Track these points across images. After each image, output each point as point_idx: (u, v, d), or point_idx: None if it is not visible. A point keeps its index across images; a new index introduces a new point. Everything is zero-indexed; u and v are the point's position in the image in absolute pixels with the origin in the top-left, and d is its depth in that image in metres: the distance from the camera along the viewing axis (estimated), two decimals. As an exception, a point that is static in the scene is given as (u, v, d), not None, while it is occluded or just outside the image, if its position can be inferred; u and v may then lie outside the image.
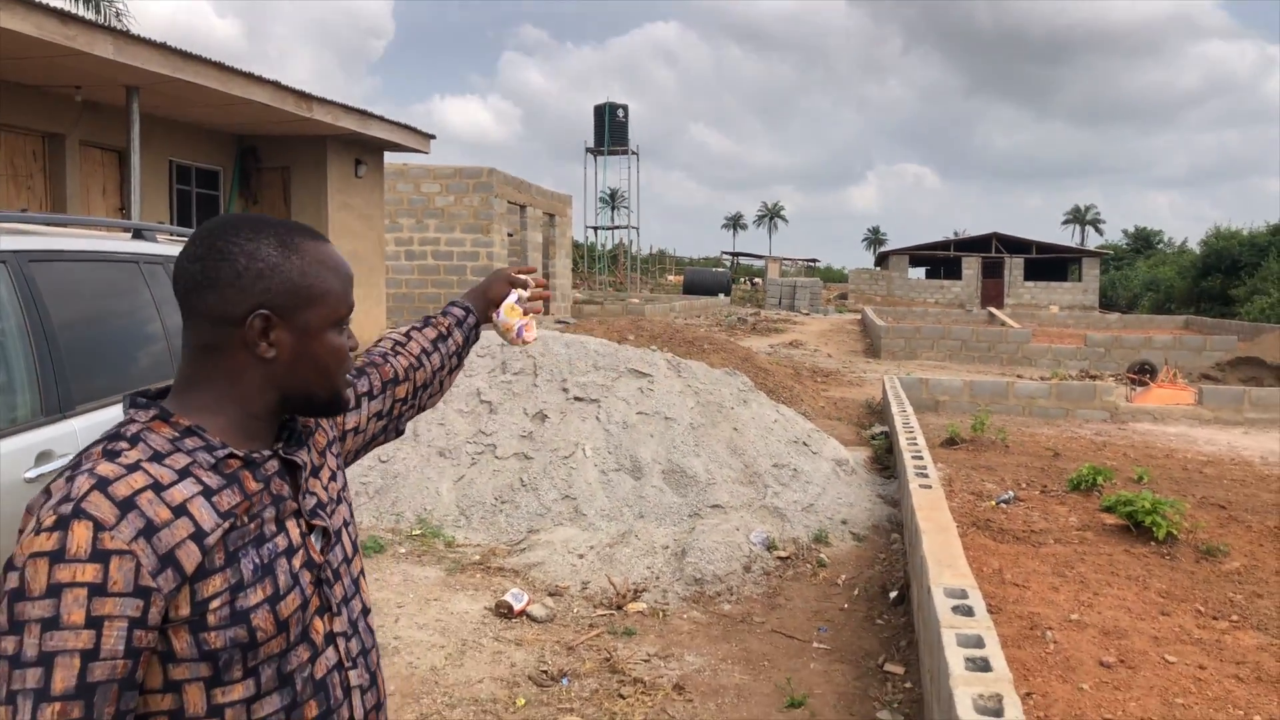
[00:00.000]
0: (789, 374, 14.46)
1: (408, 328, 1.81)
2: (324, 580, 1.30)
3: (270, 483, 1.26)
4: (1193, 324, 31.58)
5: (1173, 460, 9.40)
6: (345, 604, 1.34)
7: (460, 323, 1.86)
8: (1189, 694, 4.10)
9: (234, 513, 1.19)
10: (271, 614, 1.19)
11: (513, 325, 1.88)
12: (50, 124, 11.02)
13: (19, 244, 3.21)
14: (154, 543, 1.09)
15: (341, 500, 1.42)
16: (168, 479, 1.15)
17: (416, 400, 1.75)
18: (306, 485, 1.32)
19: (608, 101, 46.73)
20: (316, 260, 1.30)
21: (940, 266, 53.32)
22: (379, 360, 1.69)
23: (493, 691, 4.14)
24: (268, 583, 1.20)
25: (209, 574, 1.14)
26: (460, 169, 20.39)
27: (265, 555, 1.21)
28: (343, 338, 1.33)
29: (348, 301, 1.33)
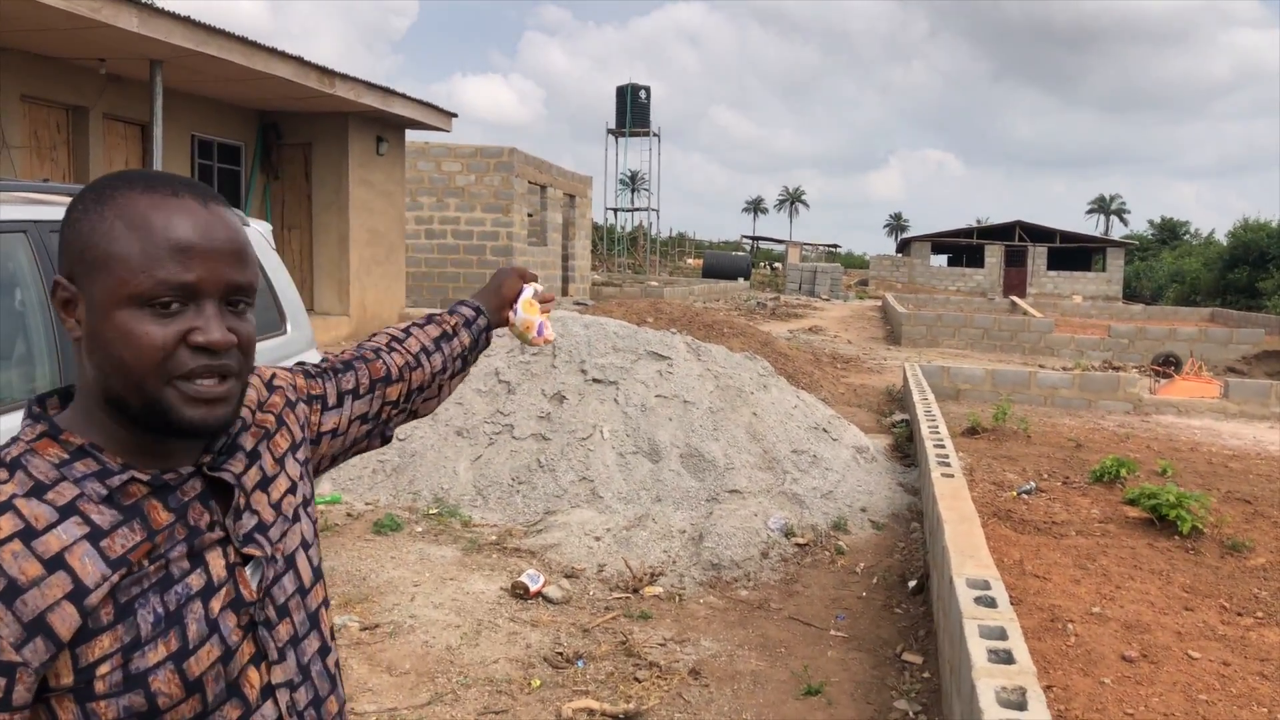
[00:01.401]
0: (809, 360, 14.38)
1: (408, 324, 1.58)
2: (261, 621, 1.07)
3: (187, 511, 1.02)
4: (1219, 316, 31.23)
5: (1197, 454, 9.29)
6: (294, 645, 1.11)
7: (469, 323, 1.62)
8: (1212, 690, 4.04)
9: (127, 559, 0.96)
10: (177, 674, 0.97)
11: (533, 322, 1.73)
12: (74, 96, 11.04)
13: (39, 214, 3.19)
14: (17, 608, 0.89)
15: (300, 518, 1.17)
16: (44, 521, 0.93)
17: (409, 404, 1.50)
18: (244, 503, 1.09)
19: (630, 82, 46.49)
20: (119, 214, 0.99)
21: (962, 254, 52.95)
22: (369, 355, 1.45)
23: (508, 672, 4.13)
24: (173, 636, 0.97)
25: (93, 635, 0.93)
26: (481, 148, 20.34)
27: (172, 601, 0.98)
28: (155, 323, 0.97)
29: (155, 275, 0.97)
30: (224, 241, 1.01)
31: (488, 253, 20.18)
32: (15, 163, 10.17)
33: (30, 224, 3.12)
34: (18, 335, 3.05)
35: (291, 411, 1.26)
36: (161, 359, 0.97)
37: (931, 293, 41.36)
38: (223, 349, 1.00)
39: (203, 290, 0.99)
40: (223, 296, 1.01)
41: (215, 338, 0.99)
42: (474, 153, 20.29)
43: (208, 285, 0.99)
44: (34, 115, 10.70)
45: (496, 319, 1.69)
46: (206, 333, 0.99)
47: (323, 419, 1.34)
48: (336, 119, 14.28)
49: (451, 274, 20.29)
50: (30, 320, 3.06)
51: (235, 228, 1.04)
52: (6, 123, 10.09)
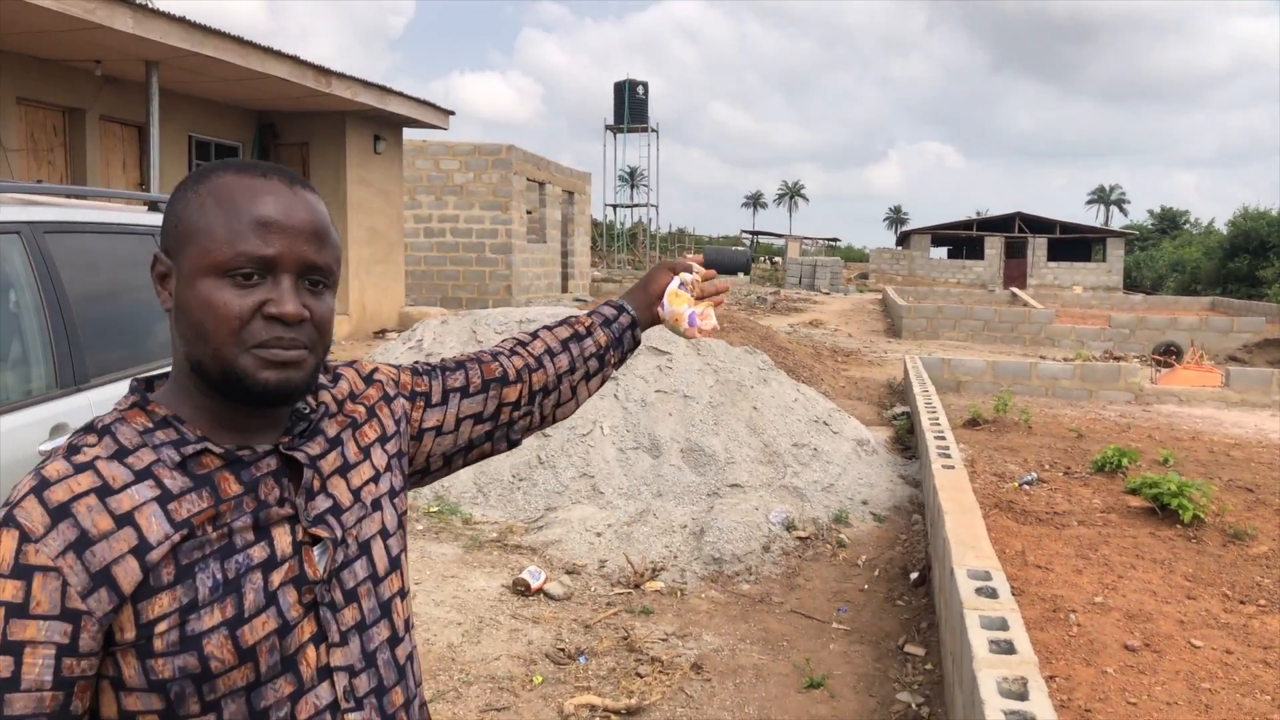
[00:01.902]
0: (809, 353, 14.37)
1: (539, 326, 1.55)
2: (324, 602, 1.09)
3: (258, 485, 1.06)
4: (1219, 305, 31.20)
5: (1199, 442, 9.27)
6: (360, 631, 1.12)
7: (608, 322, 1.56)
8: (1215, 678, 4.03)
9: (190, 522, 1.00)
10: (230, 640, 1.00)
11: (681, 314, 1.60)
12: (70, 99, 11.02)
13: (34, 215, 3.18)
14: (85, 558, 0.94)
15: (382, 507, 1.19)
16: (120, 481, 0.99)
17: (535, 407, 1.47)
18: (318, 485, 1.12)
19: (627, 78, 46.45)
20: (211, 192, 1.06)
21: (962, 246, 52.91)
22: (485, 357, 1.45)
23: (510, 669, 4.12)
24: (229, 602, 1.00)
25: (154, 593, 0.97)
26: (479, 146, 20.33)
27: (231, 569, 1.02)
28: (233, 293, 1.03)
29: (236, 247, 1.03)
30: (304, 222, 1.07)
31: (487, 250, 20.17)
32: (12, 165, 10.16)
33: (24, 225, 3.11)
34: (13, 337, 3.05)
35: (387, 405, 1.29)
36: (238, 326, 1.02)
37: (932, 285, 41.33)
38: (294, 321, 1.04)
39: (280, 265, 1.04)
40: (299, 273, 1.06)
41: (288, 309, 1.04)
42: (472, 150, 20.27)
43: (285, 260, 1.04)
44: (30, 118, 10.69)
45: (646, 317, 1.61)
46: (280, 305, 1.03)
47: (425, 415, 1.34)
48: (334, 118, 14.27)
49: (451, 272, 20.28)
50: (26, 321, 3.05)
51: (317, 211, 1.09)
52: (3, 126, 10.08)
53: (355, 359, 1.35)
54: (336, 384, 1.24)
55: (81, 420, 3.09)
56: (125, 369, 3.41)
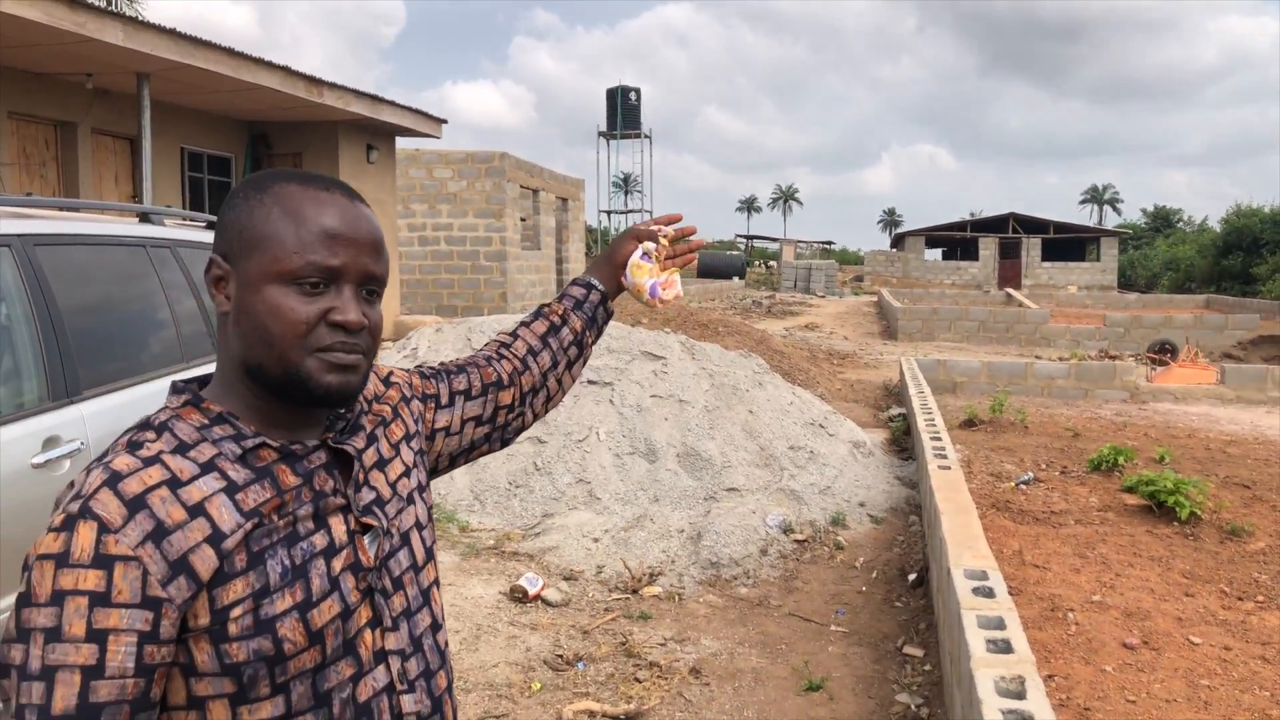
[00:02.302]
0: (805, 356, 14.38)
1: (516, 324, 1.59)
2: (377, 588, 1.14)
3: (313, 477, 1.12)
4: (1214, 303, 31.26)
5: (1195, 440, 9.28)
6: (407, 618, 1.18)
7: (580, 304, 1.60)
8: (1214, 675, 4.03)
9: (259, 511, 1.06)
10: (301, 623, 1.05)
11: (643, 285, 1.60)
12: (62, 112, 11.02)
13: (24, 228, 3.18)
14: (164, 547, 0.99)
15: (415, 501, 1.25)
16: (188, 474, 1.04)
17: (526, 407, 1.53)
18: (363, 478, 1.17)
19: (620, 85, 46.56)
20: (277, 201, 1.10)
21: (957, 247, 52.97)
22: (481, 361, 1.51)
23: (508, 676, 4.11)
24: (298, 587, 1.06)
25: (229, 579, 1.02)
26: (472, 154, 20.33)
27: (298, 556, 1.07)
28: (300, 300, 1.08)
29: (306, 257, 1.08)
30: (365, 234, 1.13)
31: (481, 258, 20.16)
32: (4, 180, 10.14)
33: (14, 238, 3.10)
34: (5, 349, 3.04)
35: (406, 406, 1.35)
36: (305, 332, 1.08)
37: (927, 287, 41.37)
38: (356, 329, 1.10)
39: (344, 274, 1.10)
40: (360, 283, 1.12)
41: (351, 318, 1.10)
42: (465, 158, 20.27)
43: (349, 270, 1.10)
44: (22, 132, 10.68)
45: (612, 287, 1.64)
46: (344, 313, 1.10)
47: (436, 416, 1.41)
48: (326, 128, 14.27)
49: (445, 280, 20.27)
50: (17, 334, 3.05)
51: (375, 224, 1.16)
52: (-5, 140, 10.07)
53: None
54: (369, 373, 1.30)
55: (74, 433, 3.08)
56: (118, 381, 3.40)
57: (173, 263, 3.95)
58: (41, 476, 2.92)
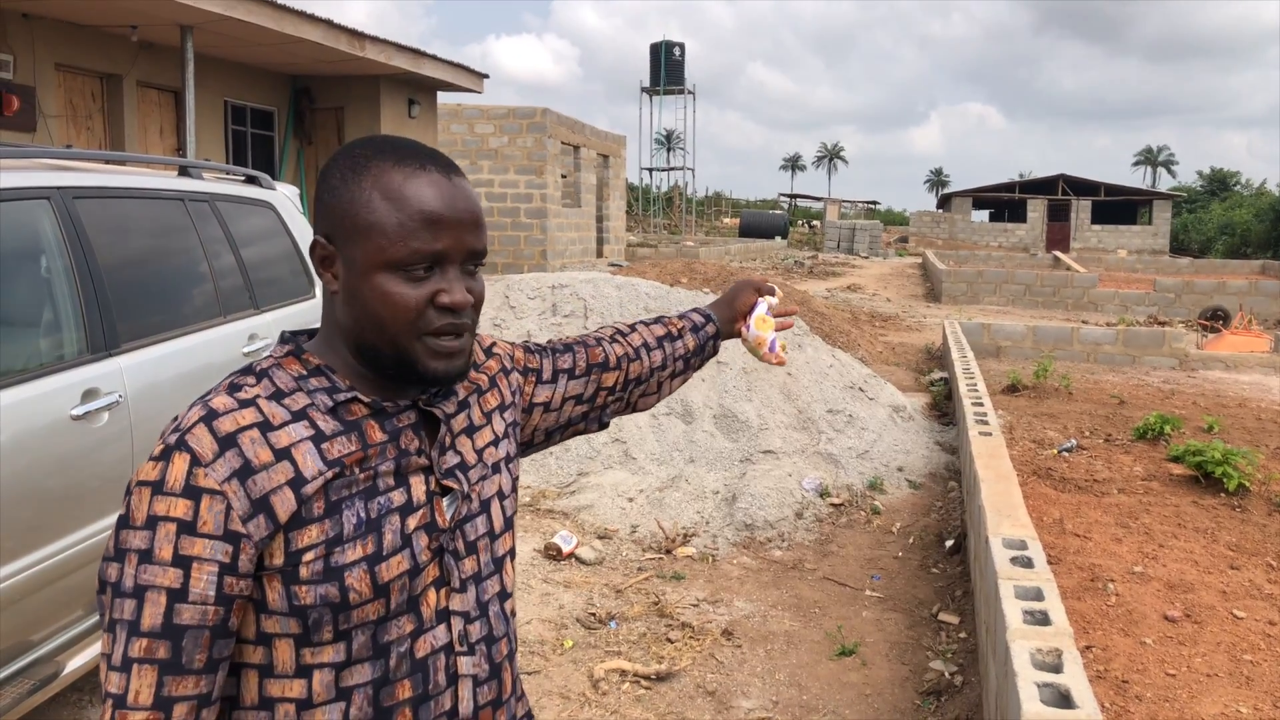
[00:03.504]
0: (846, 318, 14.23)
1: (635, 321, 1.64)
2: (449, 550, 1.16)
3: (400, 435, 1.14)
4: (1270, 269, 30.44)
5: (1245, 409, 9.07)
6: (476, 582, 1.20)
7: (696, 328, 1.66)
8: (1257, 650, 3.95)
9: (342, 461, 1.09)
10: (369, 574, 1.08)
11: (765, 339, 1.67)
12: (108, 65, 11.08)
13: (63, 180, 3.18)
14: (248, 486, 1.03)
15: (500, 470, 1.27)
16: (279, 419, 1.08)
17: (627, 394, 1.57)
18: (449, 442, 1.19)
19: (664, 40, 46.01)
20: (378, 186, 1.11)
21: (1004, 209, 52.05)
22: (590, 342, 1.53)
23: (540, 633, 4.14)
24: (370, 540, 1.08)
25: (305, 524, 1.05)
26: (514, 109, 20.22)
27: (374, 510, 1.10)
28: (408, 286, 1.10)
29: (410, 245, 1.09)
30: (466, 212, 1.13)
31: (521, 215, 20.13)
32: (52, 131, 10.25)
33: (54, 190, 3.11)
34: (45, 303, 3.06)
35: (505, 377, 1.37)
36: (414, 318, 1.10)
37: (973, 249, 40.74)
38: (464, 309, 1.12)
39: (449, 256, 1.11)
40: (464, 261, 1.13)
41: (459, 299, 1.11)
42: (507, 114, 20.18)
43: (453, 252, 1.11)
44: (69, 84, 10.76)
45: (727, 330, 1.71)
46: (451, 294, 1.11)
47: (536, 391, 1.43)
48: (368, 82, 14.24)
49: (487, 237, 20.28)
50: (56, 287, 3.06)
51: (474, 198, 1.16)
52: (42, 92, 10.16)
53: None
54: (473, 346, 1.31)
55: (113, 385, 3.10)
56: (158, 334, 3.42)
57: (211, 217, 3.96)
58: (80, 428, 2.95)
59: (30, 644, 2.84)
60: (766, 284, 1.72)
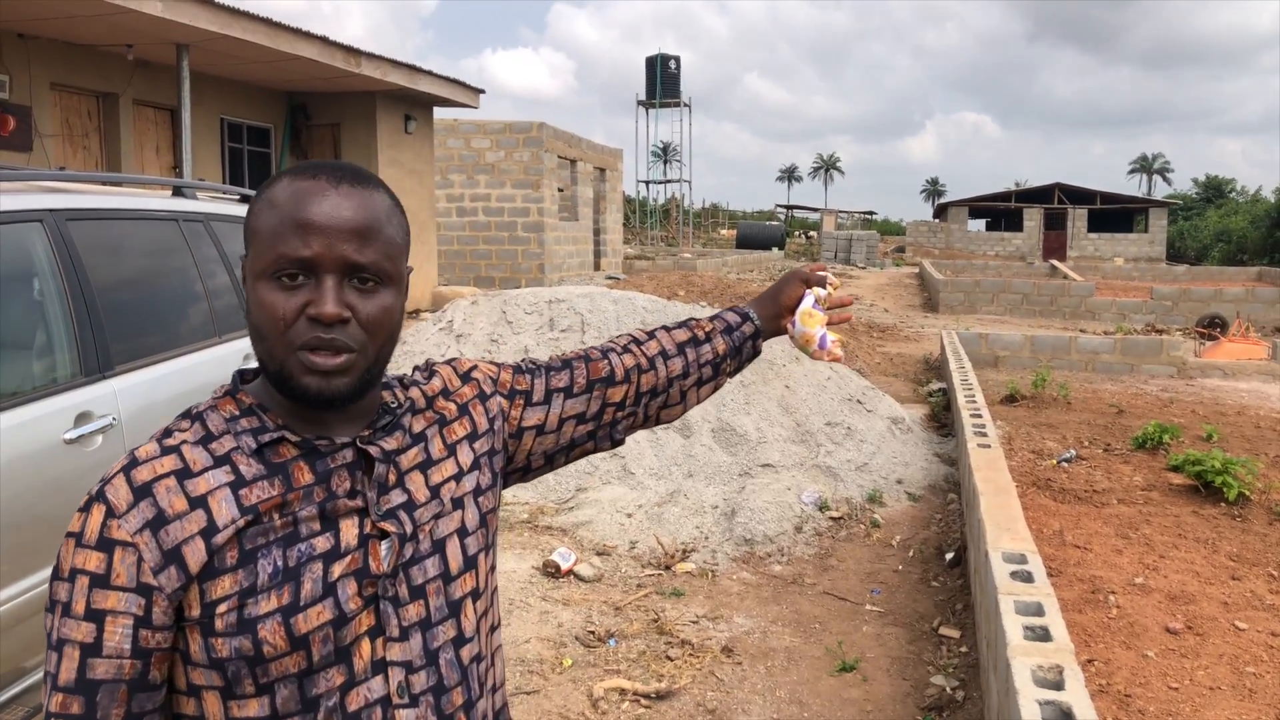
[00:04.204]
0: (843, 329, 14.22)
1: (659, 326, 1.51)
2: (386, 596, 1.09)
3: (331, 476, 1.09)
4: (1266, 276, 30.46)
5: (1244, 417, 9.06)
6: (424, 628, 1.12)
7: (730, 329, 1.51)
8: (1261, 662, 3.93)
9: (256, 508, 1.04)
10: (283, 626, 1.03)
11: (814, 335, 1.51)
12: (104, 83, 11.10)
13: (56, 202, 3.18)
14: (160, 536, 1.00)
15: (464, 506, 1.19)
16: (200, 465, 1.05)
17: (641, 408, 1.44)
18: (392, 480, 1.13)
19: (659, 53, 46.13)
20: (269, 198, 1.08)
21: (1001, 218, 52.15)
22: (595, 355, 1.42)
23: (539, 652, 4.11)
24: (286, 590, 1.03)
25: (218, 574, 1.02)
26: (510, 124, 20.26)
27: (293, 558, 1.05)
28: (281, 294, 1.05)
29: (278, 249, 1.04)
30: (345, 221, 1.06)
31: (519, 229, 20.14)
32: (48, 151, 10.25)
33: (46, 213, 3.10)
34: (37, 325, 3.05)
35: (481, 403, 1.29)
36: (284, 328, 1.05)
37: (969, 258, 40.79)
38: (331, 321, 1.04)
39: (320, 265, 1.05)
40: (343, 273, 1.06)
41: (326, 310, 1.04)
42: (503, 129, 20.21)
43: (325, 261, 1.05)
44: (65, 103, 10.78)
45: (771, 328, 1.56)
46: (318, 305, 1.04)
47: (525, 414, 1.34)
48: (364, 98, 14.27)
49: (483, 251, 20.29)
50: (49, 310, 3.05)
51: (364, 207, 1.08)
52: (38, 111, 10.17)
53: (456, 356, 1.36)
54: (430, 380, 1.26)
55: (106, 409, 3.09)
56: (151, 356, 3.41)
57: (206, 237, 3.95)
58: (74, 452, 2.94)
59: (24, 670, 2.82)
60: (817, 273, 1.57)
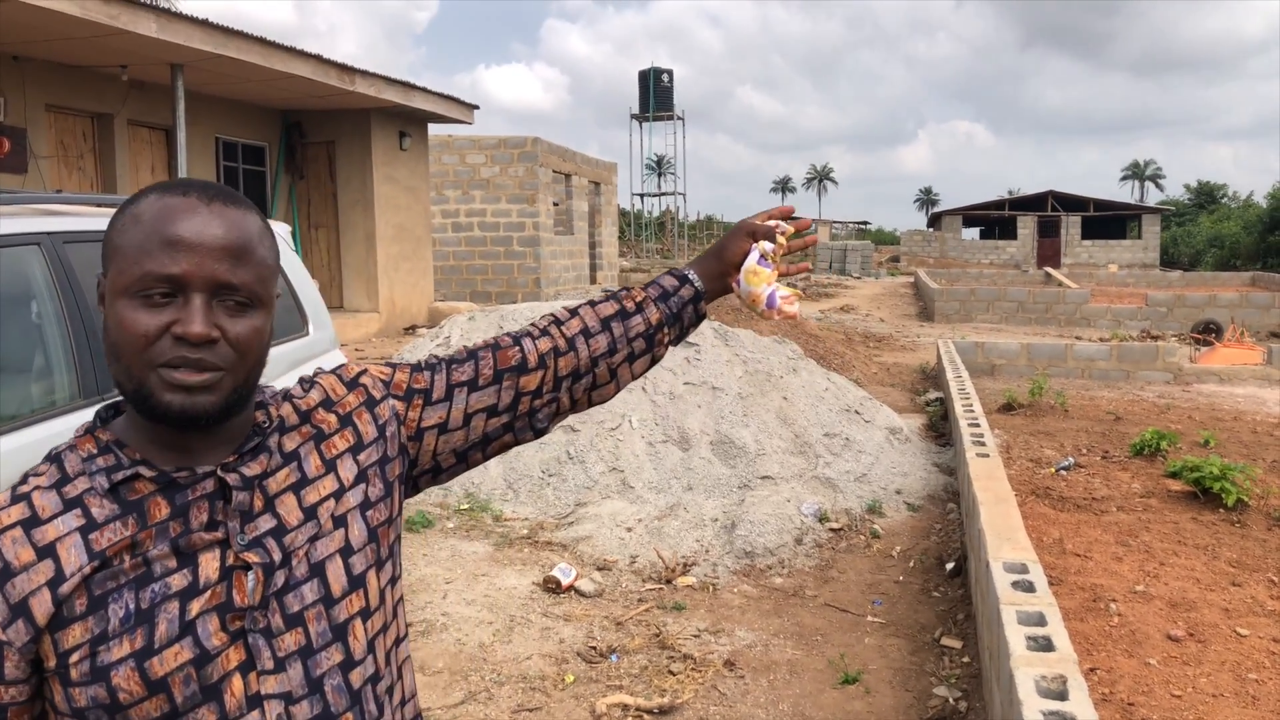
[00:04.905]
0: (840, 340, 14.24)
1: (585, 301, 1.40)
2: (259, 629, 1.05)
3: (189, 509, 1.04)
4: (1260, 280, 30.55)
5: (1241, 423, 9.08)
6: (304, 657, 1.07)
7: (667, 295, 1.40)
8: (1263, 669, 3.93)
9: (103, 553, 1.00)
10: (138, 672, 0.99)
11: (760, 294, 1.39)
12: (98, 104, 11.12)
13: (53, 225, 3.18)
14: (7, 590, 0.97)
15: (347, 524, 1.13)
16: (49, 511, 1.01)
17: (563, 393, 1.35)
18: (259, 506, 1.08)
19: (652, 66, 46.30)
20: (134, 215, 1.05)
21: (994, 226, 52.29)
22: (505, 341, 1.33)
23: (541, 668, 4.10)
24: (139, 634, 0.99)
25: (67, 624, 0.98)
26: (504, 139, 20.31)
27: (145, 599, 1.00)
28: (145, 312, 1.01)
29: (144, 266, 1.01)
30: (216, 239, 1.03)
31: (515, 244, 20.17)
32: (43, 173, 10.26)
33: (44, 236, 3.10)
34: (36, 348, 3.05)
35: (369, 411, 1.22)
36: (145, 346, 1.01)
37: (964, 267, 40.88)
38: (198, 341, 1.01)
39: (188, 284, 1.02)
40: (212, 292, 1.03)
41: (192, 329, 1.01)
42: (497, 144, 20.26)
43: (194, 279, 1.02)
44: (60, 124, 10.79)
45: (716, 287, 1.43)
46: (185, 325, 1.01)
47: (425, 414, 1.26)
48: (359, 116, 14.30)
49: (479, 266, 20.31)
50: (48, 333, 3.05)
51: (236, 227, 1.05)
52: (33, 133, 10.18)
53: (344, 363, 1.29)
54: (308, 393, 1.20)
55: (106, 430, 3.09)
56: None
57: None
58: (74, 474, 2.93)
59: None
60: (763, 226, 1.44)
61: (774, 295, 1.40)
